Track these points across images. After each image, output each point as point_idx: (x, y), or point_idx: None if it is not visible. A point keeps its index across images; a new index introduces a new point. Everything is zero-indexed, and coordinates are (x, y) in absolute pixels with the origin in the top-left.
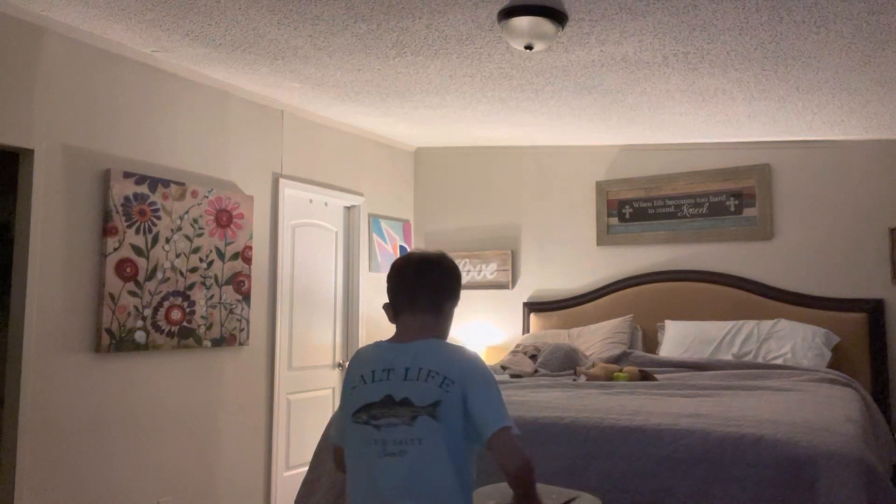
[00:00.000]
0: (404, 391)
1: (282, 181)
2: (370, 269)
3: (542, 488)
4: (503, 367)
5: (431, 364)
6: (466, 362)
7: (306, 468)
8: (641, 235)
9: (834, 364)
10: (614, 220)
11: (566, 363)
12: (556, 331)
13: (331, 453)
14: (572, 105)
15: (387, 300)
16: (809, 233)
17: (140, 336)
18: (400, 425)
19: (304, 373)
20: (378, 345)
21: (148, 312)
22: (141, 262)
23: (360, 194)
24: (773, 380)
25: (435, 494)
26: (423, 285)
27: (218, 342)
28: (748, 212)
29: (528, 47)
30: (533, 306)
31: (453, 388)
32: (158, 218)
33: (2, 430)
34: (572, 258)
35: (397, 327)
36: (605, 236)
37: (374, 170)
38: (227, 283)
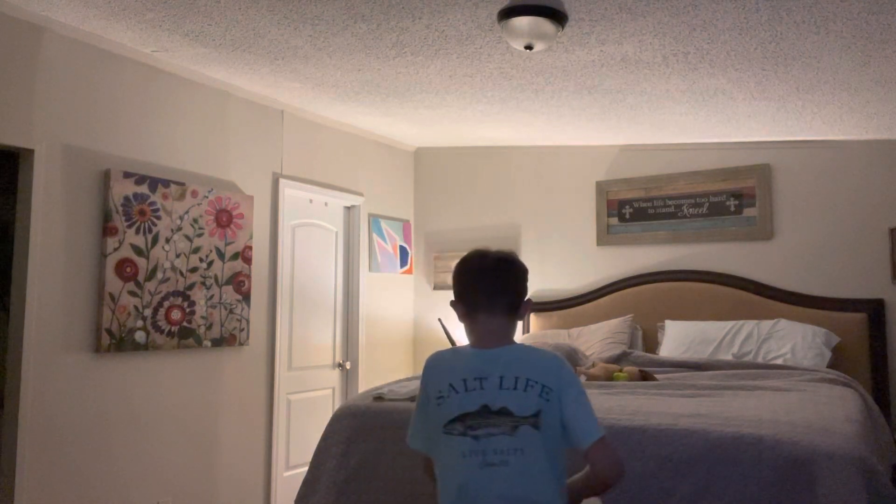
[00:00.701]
0: (502, 400)
1: (282, 181)
2: (370, 269)
3: None
4: None
5: (527, 373)
6: (560, 369)
7: (306, 468)
8: (641, 235)
9: (834, 364)
10: (614, 220)
11: None
12: (556, 331)
13: (421, 465)
14: (572, 105)
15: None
16: (809, 233)
17: (140, 336)
18: (499, 435)
19: (304, 373)
20: (459, 352)
21: (148, 312)
22: (141, 262)
23: (360, 194)
24: (772, 380)
25: (538, 501)
26: (504, 284)
27: (218, 342)
28: (748, 212)
29: (528, 47)
30: (533, 306)
31: (552, 395)
32: (158, 218)
33: (2, 430)
34: (572, 258)
35: (474, 329)
36: (605, 236)
37: (374, 170)
38: (227, 283)
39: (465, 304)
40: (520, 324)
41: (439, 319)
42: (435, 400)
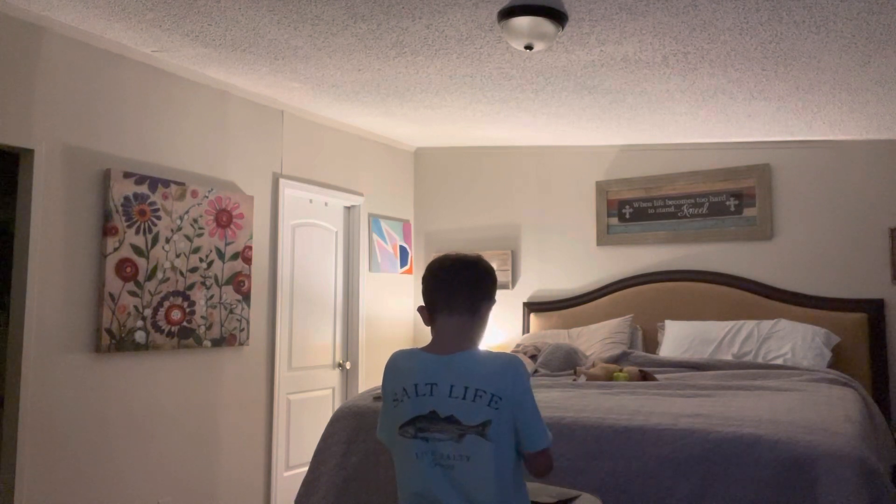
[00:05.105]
0: (449, 409)
1: (282, 181)
2: (370, 269)
3: (542, 487)
4: None
5: (477, 382)
6: (512, 375)
7: (306, 468)
8: (641, 235)
9: (834, 364)
10: (614, 220)
11: (566, 363)
12: (556, 331)
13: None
14: (572, 105)
15: (423, 303)
16: (809, 233)
17: (140, 336)
18: (447, 441)
19: (304, 373)
20: (415, 355)
21: (148, 312)
22: (141, 262)
23: (360, 194)
24: (772, 380)
25: (485, 501)
26: (460, 284)
27: (218, 342)
28: (748, 212)
29: (528, 47)
30: (533, 306)
31: (503, 404)
32: (158, 218)
33: (2, 430)
34: (572, 258)
35: (434, 332)
36: (605, 236)
37: (374, 170)
38: (227, 283)
39: (428, 307)
40: (521, 323)
41: None
42: (391, 402)
